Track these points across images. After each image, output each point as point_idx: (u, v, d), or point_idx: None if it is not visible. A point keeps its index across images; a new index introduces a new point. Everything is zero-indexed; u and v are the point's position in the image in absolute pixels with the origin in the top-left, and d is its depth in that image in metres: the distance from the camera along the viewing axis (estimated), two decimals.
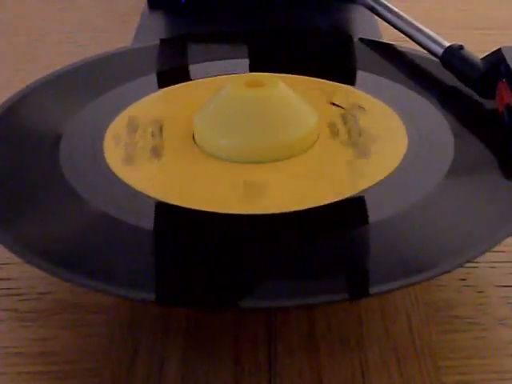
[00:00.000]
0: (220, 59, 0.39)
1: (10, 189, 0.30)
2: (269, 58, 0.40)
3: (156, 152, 0.32)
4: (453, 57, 0.36)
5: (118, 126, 0.34)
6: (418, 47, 0.39)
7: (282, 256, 0.27)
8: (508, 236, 0.27)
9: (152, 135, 0.33)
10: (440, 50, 0.37)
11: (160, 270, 0.26)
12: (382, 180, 0.30)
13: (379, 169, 0.30)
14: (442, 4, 0.55)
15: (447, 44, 0.37)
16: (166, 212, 0.29)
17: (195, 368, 0.27)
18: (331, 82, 0.37)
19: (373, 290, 0.25)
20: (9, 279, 0.31)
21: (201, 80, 0.38)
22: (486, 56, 0.35)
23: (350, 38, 0.43)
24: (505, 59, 0.34)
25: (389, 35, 0.43)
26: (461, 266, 0.26)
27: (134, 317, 0.29)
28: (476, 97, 0.35)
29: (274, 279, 0.26)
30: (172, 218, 0.29)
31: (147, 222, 0.28)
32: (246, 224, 0.28)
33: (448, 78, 0.36)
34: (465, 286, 0.30)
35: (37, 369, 0.27)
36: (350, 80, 0.37)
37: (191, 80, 0.38)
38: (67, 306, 0.29)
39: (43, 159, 0.32)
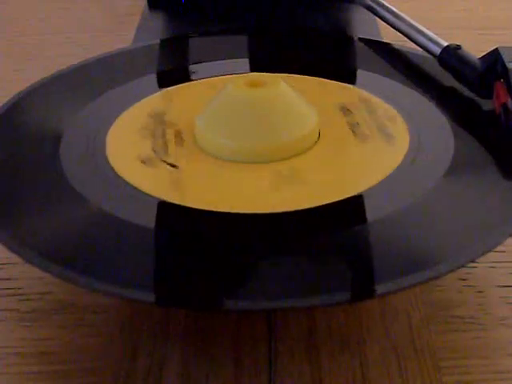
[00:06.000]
0: (220, 59, 0.39)
1: (10, 188, 0.30)
2: (269, 57, 0.40)
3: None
4: (450, 57, 0.36)
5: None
6: (417, 47, 0.39)
7: (282, 256, 0.27)
8: (508, 236, 0.27)
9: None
10: (437, 50, 0.37)
11: (160, 271, 0.26)
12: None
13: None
14: (442, 4, 0.55)
15: (445, 44, 0.37)
16: (166, 212, 0.29)
17: (195, 368, 0.27)
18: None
19: (373, 291, 0.25)
20: (9, 279, 0.31)
21: (201, 80, 0.38)
22: (483, 56, 0.35)
23: (350, 37, 0.43)
24: (501, 59, 0.33)
25: (389, 35, 0.43)
26: (462, 266, 0.26)
27: (134, 317, 0.29)
28: (474, 96, 0.35)
29: (274, 280, 0.25)
30: (173, 218, 0.29)
31: (148, 222, 0.28)
32: (246, 224, 0.28)
33: (447, 77, 0.36)
34: (465, 286, 0.30)
35: (37, 369, 0.27)
36: (350, 79, 0.37)
37: (191, 80, 0.38)
38: (67, 306, 0.29)
39: (44, 159, 0.32)
